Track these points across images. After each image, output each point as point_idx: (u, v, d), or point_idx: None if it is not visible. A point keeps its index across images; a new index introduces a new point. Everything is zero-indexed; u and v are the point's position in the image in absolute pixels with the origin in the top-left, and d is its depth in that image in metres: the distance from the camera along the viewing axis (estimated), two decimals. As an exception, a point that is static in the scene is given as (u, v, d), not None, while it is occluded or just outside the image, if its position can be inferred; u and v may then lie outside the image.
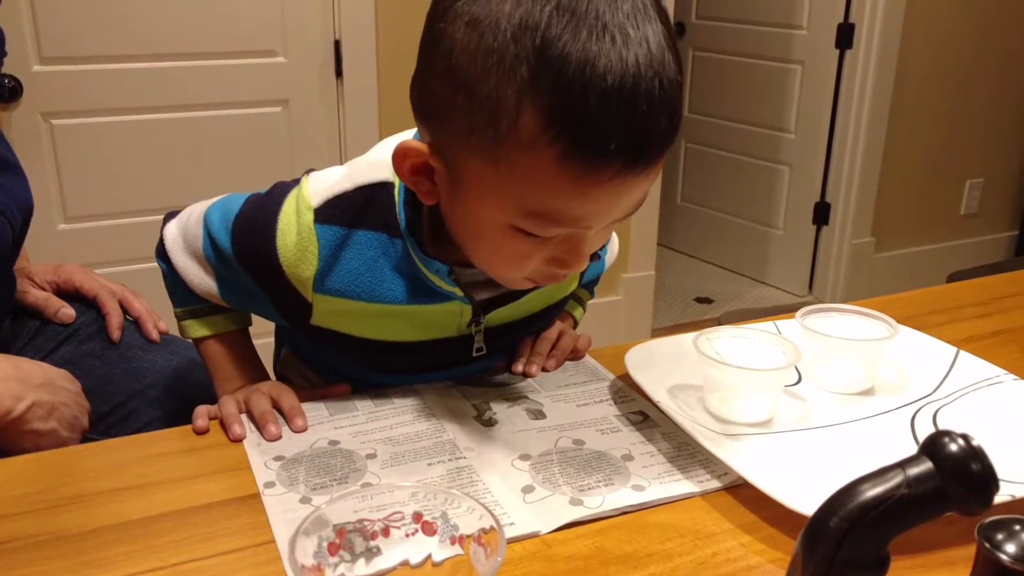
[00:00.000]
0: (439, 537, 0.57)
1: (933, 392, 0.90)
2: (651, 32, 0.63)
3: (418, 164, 0.73)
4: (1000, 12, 3.44)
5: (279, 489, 0.73)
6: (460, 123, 0.67)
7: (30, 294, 1.14)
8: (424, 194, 0.76)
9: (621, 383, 0.93)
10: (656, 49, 0.63)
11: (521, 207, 0.68)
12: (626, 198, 0.69)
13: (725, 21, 3.66)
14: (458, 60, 0.65)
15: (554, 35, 0.61)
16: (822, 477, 0.67)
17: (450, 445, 0.81)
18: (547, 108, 0.62)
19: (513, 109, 0.63)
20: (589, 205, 0.68)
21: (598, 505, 0.71)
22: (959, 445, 0.49)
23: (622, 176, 0.65)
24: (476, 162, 0.68)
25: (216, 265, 0.89)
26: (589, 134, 0.62)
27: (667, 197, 3.66)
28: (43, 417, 0.91)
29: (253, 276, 0.85)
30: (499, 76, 0.63)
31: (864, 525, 0.49)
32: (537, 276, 0.76)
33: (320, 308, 0.85)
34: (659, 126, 0.64)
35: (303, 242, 0.81)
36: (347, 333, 0.87)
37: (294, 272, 0.82)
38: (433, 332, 0.88)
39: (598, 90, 0.61)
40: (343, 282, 0.82)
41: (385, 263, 0.82)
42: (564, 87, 0.61)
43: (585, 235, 0.72)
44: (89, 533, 0.68)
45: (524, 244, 0.71)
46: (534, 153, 0.64)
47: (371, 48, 2.39)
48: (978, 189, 3.70)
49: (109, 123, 2.19)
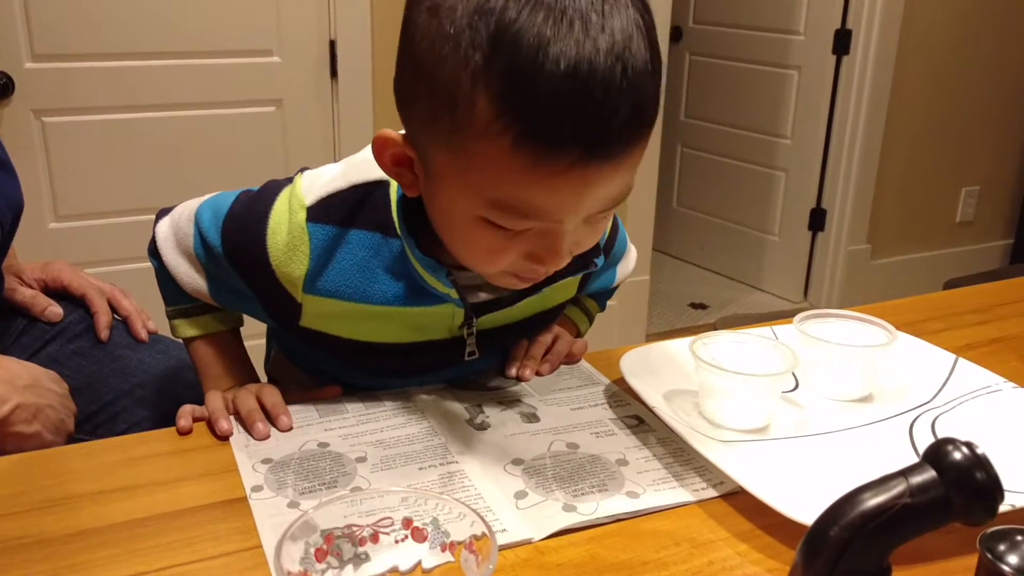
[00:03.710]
0: (429, 543, 0.56)
1: (931, 399, 0.89)
2: (619, 19, 0.61)
3: (398, 155, 0.72)
4: (996, 20, 3.44)
5: (267, 493, 0.72)
6: (424, 111, 0.66)
7: (18, 292, 1.13)
8: (407, 186, 0.75)
9: (616, 387, 0.92)
10: (621, 36, 0.61)
11: (484, 198, 0.66)
12: (594, 191, 0.66)
13: (722, 26, 3.66)
14: (419, 46, 0.65)
15: (508, 19, 0.60)
16: (820, 485, 0.66)
17: (442, 449, 0.79)
18: (499, 95, 0.61)
19: (467, 96, 0.62)
20: (551, 196, 0.65)
21: (592, 512, 0.70)
22: (963, 453, 0.48)
23: (581, 166, 0.63)
24: (441, 151, 0.67)
25: (206, 264, 0.87)
26: (540, 121, 0.61)
27: (662, 202, 3.65)
28: (27, 420, 0.90)
29: (243, 275, 0.84)
30: (455, 62, 0.62)
31: (866, 535, 0.48)
32: (517, 271, 0.74)
33: (310, 310, 0.83)
34: (619, 114, 0.62)
35: (294, 241, 0.80)
36: (337, 335, 0.86)
37: (284, 272, 0.81)
38: (424, 334, 0.87)
39: (549, 75, 0.59)
40: (334, 283, 0.81)
41: (377, 264, 0.81)
42: (515, 72, 0.60)
43: (559, 230, 0.69)
44: (73, 536, 0.67)
45: (495, 237, 0.69)
46: (487, 140, 0.63)
47: (366, 49, 2.38)
48: (974, 197, 3.70)
49: (101, 121, 2.18)
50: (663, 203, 3.82)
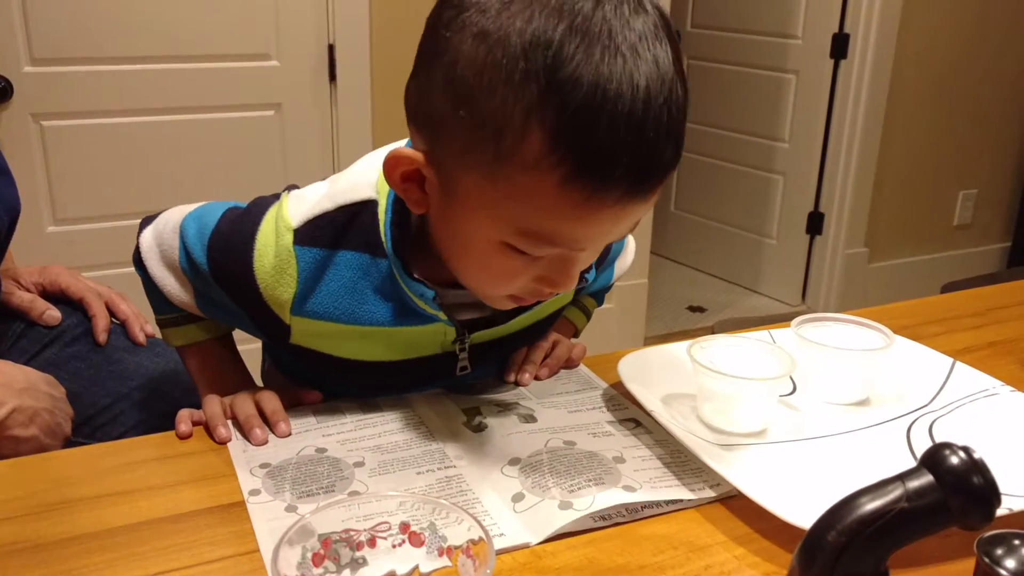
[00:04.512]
0: (427, 548, 0.56)
1: (929, 403, 0.89)
2: (661, 55, 0.62)
3: (409, 172, 0.71)
4: (994, 24, 3.45)
5: (264, 497, 0.72)
6: (460, 137, 0.65)
7: (15, 296, 1.12)
8: (414, 203, 0.74)
9: (614, 391, 0.92)
10: (667, 73, 0.62)
11: (516, 226, 0.67)
12: (624, 223, 0.68)
13: (720, 30, 3.66)
14: (463, 72, 0.63)
15: (567, 55, 0.59)
16: (817, 489, 0.66)
17: (439, 453, 0.79)
18: (554, 129, 0.60)
19: (519, 127, 0.61)
20: (588, 229, 0.67)
21: (588, 506, 0.70)
22: (960, 458, 0.48)
23: (624, 202, 0.64)
24: (473, 177, 0.66)
25: (192, 279, 0.86)
26: (596, 159, 0.61)
27: (660, 205, 3.66)
28: (24, 423, 0.89)
29: (229, 294, 0.83)
30: (506, 92, 0.61)
31: (863, 539, 0.48)
32: (523, 293, 0.75)
33: (299, 329, 0.83)
34: (665, 154, 0.63)
35: (281, 264, 0.79)
36: (328, 353, 0.85)
37: (271, 295, 0.80)
38: (416, 351, 0.87)
39: (608, 115, 0.60)
40: (322, 305, 0.80)
41: (366, 284, 0.80)
42: (574, 109, 0.60)
43: (577, 257, 0.71)
44: (70, 540, 0.67)
45: (514, 261, 0.70)
46: (537, 174, 0.62)
47: (365, 53, 2.38)
48: (971, 200, 3.71)
49: (100, 125, 2.17)
50: (661, 206, 3.83)
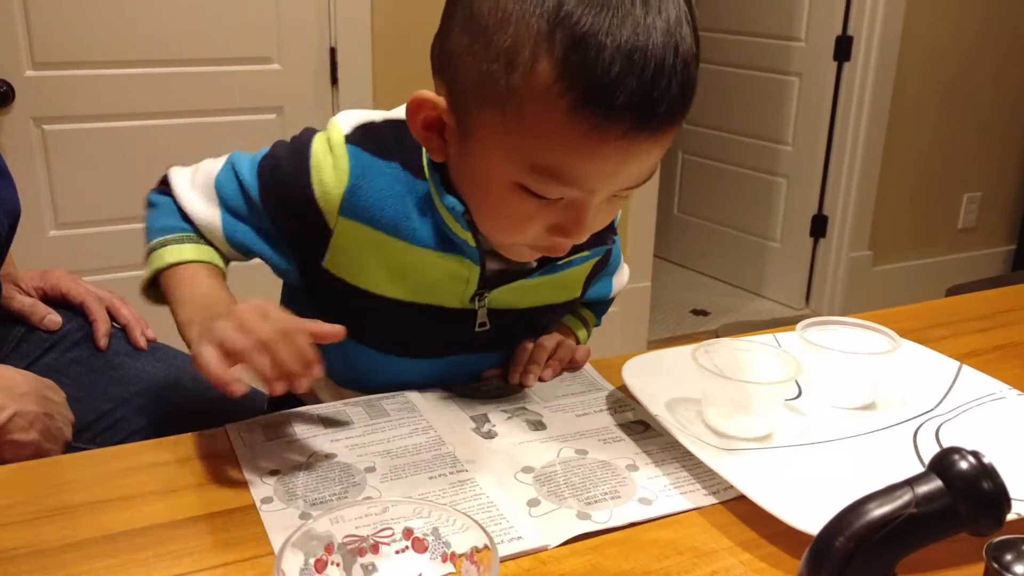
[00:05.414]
0: (430, 554, 0.55)
1: (935, 407, 0.88)
2: (672, 7, 0.66)
3: (431, 119, 0.76)
4: (998, 26, 3.44)
5: (277, 504, 0.71)
6: (474, 70, 0.69)
7: (16, 300, 1.12)
8: (434, 151, 0.78)
9: (620, 393, 0.91)
10: (674, 22, 0.66)
11: (527, 161, 0.70)
12: (632, 164, 0.71)
13: (723, 32, 3.66)
14: (479, 8, 0.68)
15: None
16: (824, 494, 0.65)
17: (450, 458, 0.79)
18: (561, 59, 0.65)
19: (528, 58, 0.66)
20: (595, 164, 0.69)
21: (606, 520, 0.70)
22: (970, 463, 0.48)
23: (629, 137, 0.67)
24: (487, 112, 0.70)
25: (228, 196, 0.87)
26: (600, 88, 0.64)
27: (664, 208, 3.65)
28: (25, 428, 0.89)
29: (274, 208, 0.84)
30: (519, 24, 0.66)
31: (871, 545, 0.48)
32: (539, 243, 0.78)
33: (339, 240, 0.84)
34: (671, 90, 0.66)
35: (335, 159, 0.82)
36: (353, 285, 0.86)
37: (323, 191, 0.82)
38: (439, 297, 0.88)
39: (612, 46, 0.64)
40: (370, 206, 0.82)
41: (410, 200, 0.83)
42: (579, 40, 0.64)
43: (588, 202, 0.73)
44: (71, 546, 0.66)
45: (527, 205, 0.73)
46: (545, 103, 0.66)
47: (367, 56, 2.38)
48: (976, 203, 3.70)
49: (102, 129, 2.17)
50: (664, 210, 3.82)
